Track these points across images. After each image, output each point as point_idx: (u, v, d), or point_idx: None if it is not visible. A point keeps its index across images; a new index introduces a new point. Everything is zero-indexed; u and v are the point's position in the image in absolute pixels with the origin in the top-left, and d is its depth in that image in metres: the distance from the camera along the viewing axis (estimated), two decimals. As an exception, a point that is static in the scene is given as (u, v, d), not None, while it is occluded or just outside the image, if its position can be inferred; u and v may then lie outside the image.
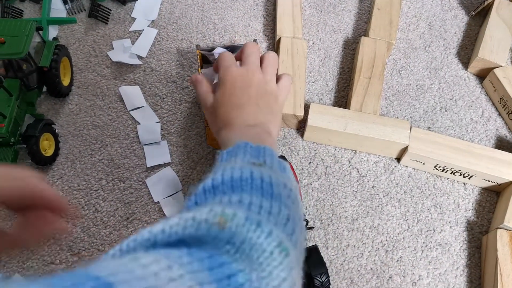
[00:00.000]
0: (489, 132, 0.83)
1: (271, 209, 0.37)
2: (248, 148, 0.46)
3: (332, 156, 0.79)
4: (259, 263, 0.32)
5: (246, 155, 0.45)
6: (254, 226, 0.33)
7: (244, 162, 0.43)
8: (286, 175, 0.45)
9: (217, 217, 0.33)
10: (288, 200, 0.40)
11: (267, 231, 0.33)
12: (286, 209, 0.38)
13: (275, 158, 0.46)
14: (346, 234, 0.73)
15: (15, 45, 0.70)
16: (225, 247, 0.33)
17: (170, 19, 0.93)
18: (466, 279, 0.71)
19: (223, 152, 0.47)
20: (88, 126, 0.80)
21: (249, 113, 0.57)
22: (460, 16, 0.96)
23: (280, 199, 0.39)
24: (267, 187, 0.39)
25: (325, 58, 0.90)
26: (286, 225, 0.37)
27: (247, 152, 0.45)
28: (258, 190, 0.39)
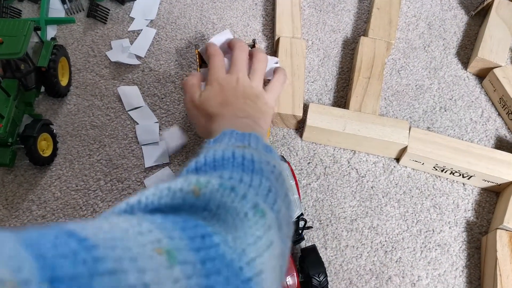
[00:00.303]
0: (488, 132, 0.83)
1: (251, 182, 0.38)
2: (234, 134, 0.46)
3: (331, 156, 0.79)
4: (234, 226, 0.33)
5: (231, 140, 0.45)
6: (228, 190, 0.34)
7: (229, 146, 0.44)
8: (271, 155, 0.45)
9: (191, 185, 0.34)
10: (271, 175, 0.41)
11: (241, 194, 0.34)
12: (268, 181, 0.39)
13: (261, 142, 0.46)
14: (345, 235, 0.73)
15: (13, 45, 0.69)
16: (202, 213, 0.34)
17: (169, 19, 0.92)
18: (465, 279, 0.71)
19: (210, 140, 0.47)
20: (87, 126, 0.80)
21: (238, 108, 0.57)
22: (460, 16, 0.96)
23: (262, 173, 0.40)
24: (248, 164, 0.40)
25: (324, 58, 0.90)
26: (268, 196, 0.38)
27: (232, 137, 0.46)
28: (238, 166, 0.40)
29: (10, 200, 0.74)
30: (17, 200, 0.74)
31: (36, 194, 0.74)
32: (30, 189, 0.75)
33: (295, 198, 0.64)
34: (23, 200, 0.74)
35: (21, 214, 0.73)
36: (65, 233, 0.24)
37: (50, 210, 0.73)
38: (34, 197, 0.74)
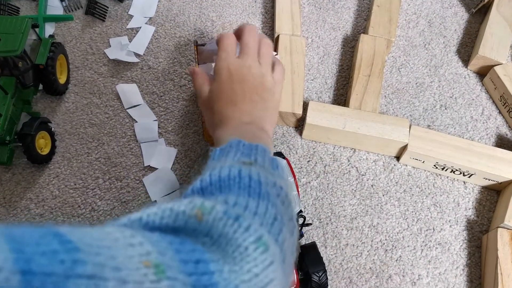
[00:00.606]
0: (489, 130, 0.82)
1: (257, 209, 0.37)
2: (241, 146, 0.45)
3: (331, 154, 0.79)
4: (233, 257, 0.32)
5: (237, 154, 0.44)
6: (232, 220, 0.33)
7: (234, 161, 0.43)
8: (278, 173, 0.44)
9: (195, 209, 0.33)
10: (277, 199, 0.40)
11: (245, 226, 0.33)
12: (274, 208, 0.38)
13: (267, 156, 0.46)
14: (345, 233, 0.72)
15: (11, 43, 0.69)
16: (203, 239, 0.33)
17: (168, 16, 0.92)
18: (466, 278, 0.70)
19: (216, 149, 0.46)
20: (85, 124, 0.79)
21: (244, 110, 0.56)
22: (460, 14, 0.96)
23: (268, 198, 0.39)
24: (254, 186, 0.39)
25: (324, 55, 0.89)
26: (273, 225, 0.37)
27: (238, 151, 0.45)
28: (245, 189, 0.38)
29: (8, 199, 0.73)
30: (15, 198, 0.73)
31: (34, 193, 0.74)
32: (28, 188, 0.74)
33: (294, 195, 0.64)
34: (21, 198, 0.73)
35: (19, 213, 0.72)
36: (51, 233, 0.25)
37: (48, 208, 0.73)
38: (32, 195, 0.74)
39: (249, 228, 0.33)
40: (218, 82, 0.57)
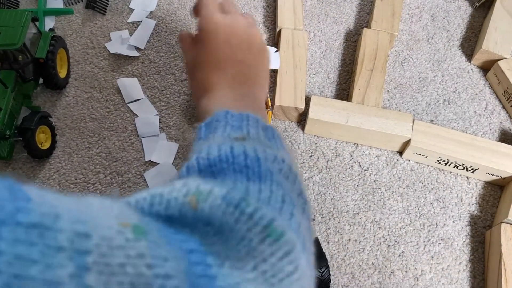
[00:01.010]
0: (493, 125, 0.82)
1: (259, 194, 0.31)
2: (229, 118, 0.39)
3: (333, 149, 0.78)
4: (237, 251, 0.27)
5: (227, 128, 0.38)
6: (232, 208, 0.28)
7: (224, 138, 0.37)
8: (276, 144, 0.38)
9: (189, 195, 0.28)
10: (280, 175, 0.34)
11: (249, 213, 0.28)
12: (279, 188, 0.32)
13: (261, 125, 0.39)
14: (347, 229, 0.72)
15: (11, 36, 0.68)
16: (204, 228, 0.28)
17: (169, 10, 0.91)
18: (469, 274, 0.70)
19: (201, 125, 0.40)
20: (86, 119, 0.79)
21: (232, 74, 0.48)
22: (464, 8, 0.95)
23: (271, 177, 0.33)
24: (252, 165, 0.33)
25: (326, 50, 0.89)
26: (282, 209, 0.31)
27: (227, 124, 0.38)
28: (242, 171, 0.32)
29: (8, 194, 0.73)
30: (15, 193, 0.73)
31: (34, 188, 0.73)
32: (28, 182, 0.73)
33: None
34: (21, 193, 0.73)
35: (20, 208, 0.72)
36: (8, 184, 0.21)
37: (48, 203, 0.72)
38: (33, 190, 0.73)
39: (253, 214, 0.28)
40: (202, 44, 0.49)
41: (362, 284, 0.68)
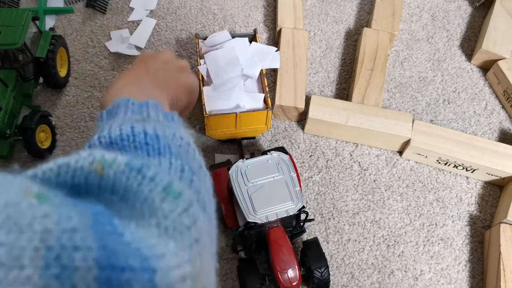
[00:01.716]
0: (492, 125, 0.82)
1: (160, 164, 0.33)
2: (130, 104, 0.39)
3: (333, 149, 0.78)
4: (141, 212, 0.29)
5: (128, 112, 0.39)
6: (135, 172, 0.30)
7: (125, 120, 0.37)
8: (175, 125, 0.39)
9: (94, 163, 0.29)
10: (180, 149, 0.36)
11: (150, 176, 0.30)
12: (178, 159, 0.34)
13: (160, 110, 0.40)
14: (347, 229, 0.72)
15: (11, 36, 0.68)
16: (109, 197, 0.30)
17: (169, 9, 0.91)
18: (468, 274, 0.70)
19: (102, 112, 0.40)
20: (86, 118, 0.79)
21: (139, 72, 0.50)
22: (464, 7, 0.95)
23: (170, 151, 0.35)
24: (151, 142, 0.34)
25: (326, 49, 0.89)
26: (182, 177, 0.33)
27: (128, 109, 0.39)
28: (142, 147, 0.34)
29: (8, 193, 0.73)
30: (16, 192, 0.73)
31: (34, 187, 0.73)
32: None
33: (297, 190, 0.63)
34: (21, 192, 0.73)
35: (20, 207, 0.72)
36: None
37: (49, 202, 0.72)
38: (33, 189, 0.73)
39: (154, 177, 0.30)
40: None
41: (362, 284, 0.68)
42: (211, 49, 0.76)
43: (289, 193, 0.62)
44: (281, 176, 0.63)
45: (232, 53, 0.74)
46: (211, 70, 0.73)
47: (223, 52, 0.74)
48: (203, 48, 0.77)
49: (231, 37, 0.77)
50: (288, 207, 0.61)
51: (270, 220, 0.60)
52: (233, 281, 0.67)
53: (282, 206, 0.61)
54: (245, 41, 0.76)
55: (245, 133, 0.74)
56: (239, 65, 0.73)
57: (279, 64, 0.78)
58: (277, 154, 0.65)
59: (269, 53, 0.77)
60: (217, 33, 0.77)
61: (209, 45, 0.76)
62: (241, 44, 0.76)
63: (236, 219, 0.65)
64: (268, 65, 0.76)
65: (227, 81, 0.72)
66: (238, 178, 0.63)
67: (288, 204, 0.61)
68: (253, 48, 0.77)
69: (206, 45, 0.77)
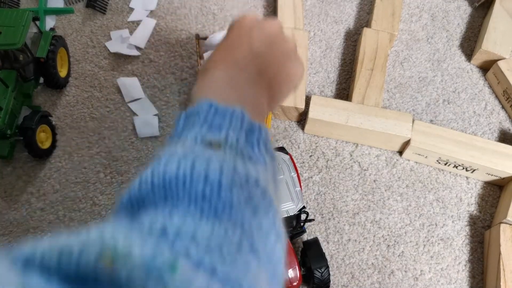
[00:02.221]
0: (492, 125, 0.82)
1: (209, 240, 0.25)
2: (211, 113, 0.33)
3: (333, 149, 0.78)
4: None
5: (204, 127, 0.32)
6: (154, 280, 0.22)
7: (197, 141, 0.31)
8: (259, 151, 0.33)
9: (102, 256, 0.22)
10: (247, 207, 0.28)
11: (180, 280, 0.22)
12: (237, 230, 0.27)
13: (246, 126, 0.33)
14: (347, 229, 0.72)
15: (11, 36, 0.68)
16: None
17: (169, 9, 0.91)
18: (468, 274, 0.70)
19: (182, 115, 0.35)
20: (86, 118, 0.79)
21: (236, 59, 0.40)
22: (463, 7, 0.95)
23: (230, 211, 0.27)
24: (211, 194, 0.27)
25: (326, 49, 0.89)
26: (235, 262, 0.25)
27: (206, 122, 0.33)
28: (197, 201, 0.27)
29: (8, 193, 0.73)
30: (16, 192, 0.73)
31: (35, 187, 0.73)
32: (29, 182, 0.74)
33: (297, 190, 0.63)
34: (22, 192, 0.73)
35: (20, 207, 0.72)
36: None
37: (49, 202, 0.72)
38: (33, 189, 0.73)
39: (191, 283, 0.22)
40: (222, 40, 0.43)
41: (362, 284, 0.69)
42: (211, 49, 0.76)
43: (289, 193, 0.62)
44: (281, 176, 0.63)
45: None
46: None
47: None
48: (203, 48, 0.77)
49: None
50: (288, 207, 0.61)
51: None
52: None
53: (282, 206, 0.61)
54: None
55: None
56: None
57: None
58: (277, 154, 0.65)
59: None
60: (217, 33, 0.77)
61: (209, 45, 0.76)
62: None
63: None
64: None
65: None
66: None
67: (288, 204, 0.61)
68: None
69: (206, 45, 0.77)
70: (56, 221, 0.70)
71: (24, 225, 0.70)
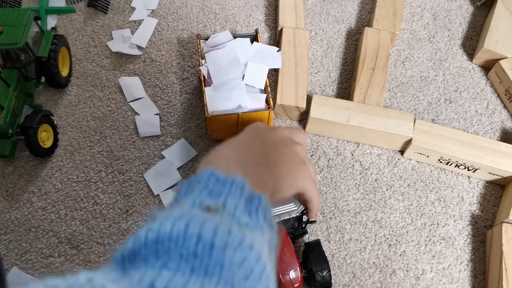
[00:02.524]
0: (494, 125, 0.82)
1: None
2: (212, 180, 0.34)
3: (334, 148, 0.78)
4: None
5: (203, 193, 0.34)
6: None
7: (195, 205, 0.33)
8: (257, 219, 0.33)
9: None
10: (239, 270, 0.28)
11: None
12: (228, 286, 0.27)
13: (245, 195, 0.34)
14: (348, 228, 0.72)
15: (13, 35, 0.68)
16: None
17: (171, 8, 0.91)
18: (470, 273, 0.70)
19: (185, 183, 0.36)
20: (87, 117, 0.79)
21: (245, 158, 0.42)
22: (465, 7, 0.95)
23: (220, 273, 0.27)
24: (202, 253, 0.27)
25: (327, 48, 0.89)
26: None
27: (206, 188, 0.34)
28: (188, 258, 0.27)
29: (10, 192, 0.73)
30: (18, 191, 0.73)
31: (36, 186, 0.73)
32: (30, 181, 0.74)
33: None
34: (23, 191, 0.73)
35: (22, 206, 0.72)
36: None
37: (50, 202, 0.72)
38: (35, 188, 0.73)
39: None
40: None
41: (363, 284, 0.68)
42: (213, 49, 0.76)
43: None
44: None
45: (233, 53, 0.74)
46: (212, 70, 0.73)
47: (224, 52, 0.74)
48: (204, 48, 0.77)
49: (232, 38, 0.77)
50: (290, 209, 0.60)
51: None
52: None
53: (284, 208, 0.60)
54: (246, 42, 0.77)
55: None
56: (239, 65, 0.73)
57: (280, 64, 0.78)
58: None
59: (270, 53, 0.77)
60: (218, 34, 0.77)
61: (211, 46, 0.76)
62: (243, 45, 0.76)
63: None
64: (270, 65, 0.76)
65: (228, 81, 0.72)
66: None
67: (290, 206, 0.60)
68: (254, 48, 0.77)
69: (208, 45, 0.77)
70: (57, 220, 0.70)
71: (25, 224, 0.70)
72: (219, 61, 0.73)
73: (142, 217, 0.70)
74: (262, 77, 0.74)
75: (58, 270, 0.66)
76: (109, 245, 0.68)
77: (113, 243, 0.68)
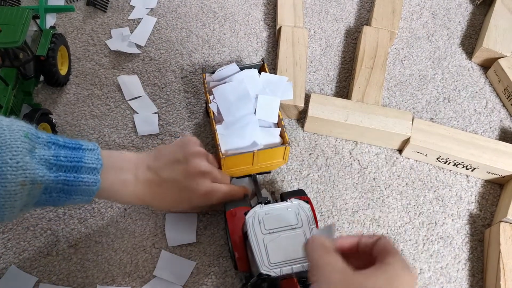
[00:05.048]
0: (492, 124, 0.82)
1: None
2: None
3: (332, 147, 0.78)
4: None
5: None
6: None
7: None
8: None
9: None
10: None
11: None
12: None
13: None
14: (346, 227, 0.72)
15: (12, 34, 0.68)
16: None
17: (170, 7, 0.91)
18: (468, 272, 0.70)
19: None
20: (86, 116, 0.79)
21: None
22: (464, 5, 0.95)
23: None
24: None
25: (326, 47, 0.89)
26: None
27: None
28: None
29: (9, 190, 0.73)
30: (16, 190, 0.73)
31: (35, 184, 0.73)
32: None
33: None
34: (22, 190, 0.73)
35: (20, 205, 0.72)
36: None
37: (49, 200, 0.72)
38: (33, 187, 0.73)
39: None
40: None
41: (361, 282, 0.68)
42: (220, 83, 0.73)
43: None
44: (299, 226, 0.59)
45: (241, 87, 0.71)
46: (222, 107, 0.70)
47: (232, 86, 0.71)
48: (211, 83, 0.74)
49: (239, 69, 0.73)
50: (304, 261, 0.56)
51: (284, 274, 0.56)
52: None
53: (298, 260, 0.57)
54: (254, 73, 0.73)
55: (261, 168, 0.72)
56: (250, 100, 0.70)
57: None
58: (297, 202, 0.61)
59: (281, 84, 0.73)
60: (224, 67, 0.73)
61: (217, 79, 0.73)
62: (251, 76, 0.73)
63: (249, 264, 0.61)
64: (281, 97, 0.72)
65: (240, 118, 0.69)
66: (255, 225, 0.59)
67: (304, 258, 0.58)
68: (263, 79, 0.73)
69: (214, 79, 0.74)
70: (55, 219, 0.70)
71: (24, 223, 0.70)
72: (228, 96, 0.70)
73: (141, 216, 0.71)
74: (275, 110, 0.71)
75: (56, 268, 0.66)
76: (107, 244, 0.68)
77: (111, 242, 0.68)
